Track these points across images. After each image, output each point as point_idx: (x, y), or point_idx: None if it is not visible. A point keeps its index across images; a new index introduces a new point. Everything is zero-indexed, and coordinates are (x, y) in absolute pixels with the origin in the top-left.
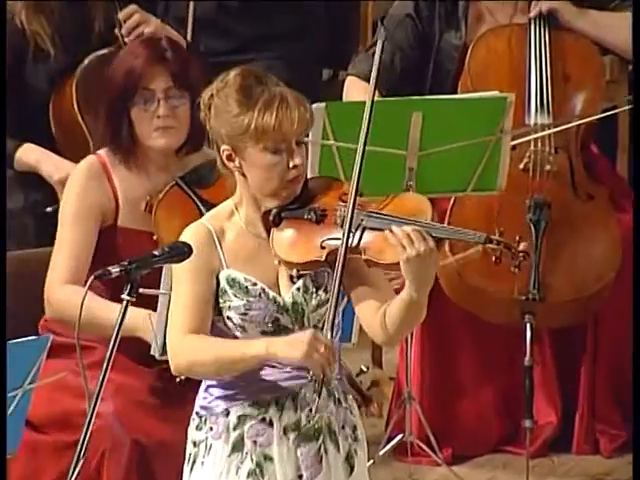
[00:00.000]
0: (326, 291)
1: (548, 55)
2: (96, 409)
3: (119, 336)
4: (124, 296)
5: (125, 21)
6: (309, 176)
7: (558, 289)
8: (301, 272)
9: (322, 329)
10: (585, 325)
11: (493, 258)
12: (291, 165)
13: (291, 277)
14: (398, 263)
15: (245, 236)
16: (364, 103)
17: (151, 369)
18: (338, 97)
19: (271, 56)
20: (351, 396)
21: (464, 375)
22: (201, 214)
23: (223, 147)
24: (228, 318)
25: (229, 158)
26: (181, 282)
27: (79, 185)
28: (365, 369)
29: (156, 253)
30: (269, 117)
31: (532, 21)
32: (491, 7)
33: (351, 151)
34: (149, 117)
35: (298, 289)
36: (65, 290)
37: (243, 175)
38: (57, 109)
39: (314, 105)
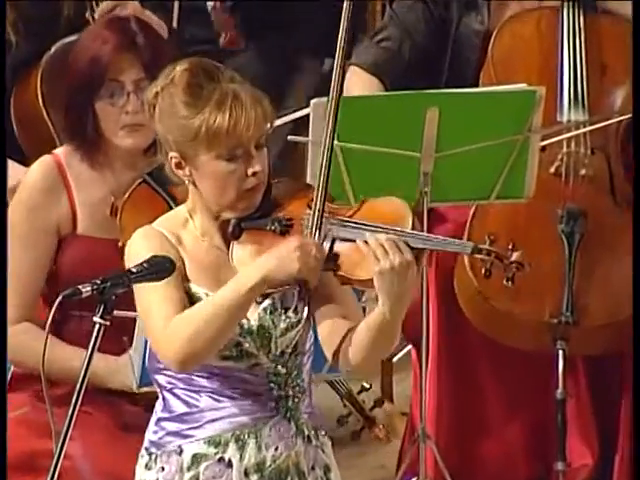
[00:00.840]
0: (296, 312)
1: (583, 42)
2: (64, 450)
3: (89, 369)
4: (97, 319)
5: (97, 3)
6: (309, 179)
7: (594, 311)
8: (266, 291)
9: (292, 355)
10: (623, 352)
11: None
12: (249, 172)
13: (256, 299)
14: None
15: (202, 247)
16: (375, 98)
17: (122, 399)
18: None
19: (263, 45)
20: (323, 432)
21: (487, 409)
22: None
23: (171, 154)
24: None
25: (178, 166)
26: (147, 287)
27: (29, 199)
28: (367, 386)
29: (133, 270)
30: (221, 119)
31: (564, 3)
32: None
33: (359, 153)
34: (116, 112)
35: (265, 310)
36: (13, 332)
37: (194, 184)
38: (19, 103)
39: (314, 100)
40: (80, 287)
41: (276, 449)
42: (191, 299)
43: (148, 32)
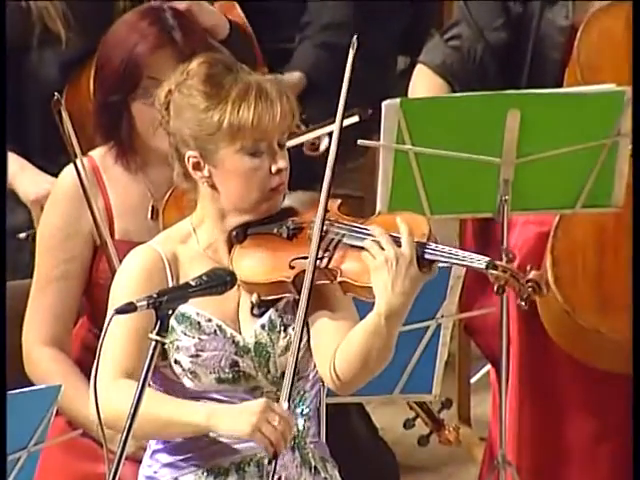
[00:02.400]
0: None
1: None
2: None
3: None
4: (152, 336)
5: None
6: (380, 187)
7: None
8: (263, 297)
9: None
10: None
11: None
12: (274, 169)
13: (252, 308)
14: None
15: (201, 262)
16: (451, 99)
17: None
18: None
19: (330, 38)
20: (331, 464)
21: (572, 435)
22: None
23: (189, 153)
24: (176, 362)
25: (196, 167)
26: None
27: (61, 205)
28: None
29: (192, 283)
30: (246, 110)
31: None
32: None
33: (432, 157)
34: (154, 113)
35: (263, 326)
36: (43, 353)
37: (213, 187)
38: (71, 105)
39: (387, 102)
40: (134, 301)
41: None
42: (181, 318)
43: (185, 26)
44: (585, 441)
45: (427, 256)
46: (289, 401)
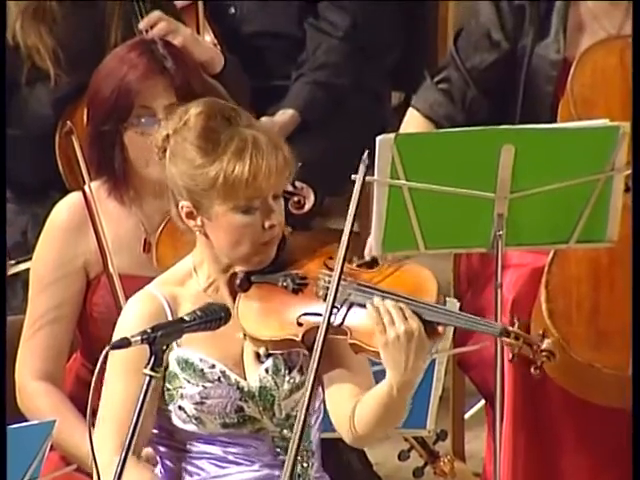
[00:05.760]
0: (301, 372)
1: None
2: None
3: (138, 423)
4: (147, 371)
5: (147, 31)
6: (374, 223)
7: None
8: (270, 352)
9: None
10: None
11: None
12: (267, 225)
13: (258, 355)
14: None
15: (202, 302)
16: (443, 135)
17: None
18: None
19: (324, 77)
20: None
21: (568, 472)
22: None
23: (182, 203)
24: (180, 408)
25: (189, 216)
26: (115, 377)
27: (54, 239)
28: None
29: (186, 318)
30: (240, 169)
31: None
32: (596, 11)
33: (426, 193)
34: (147, 142)
35: (267, 370)
36: (36, 388)
37: (206, 235)
38: (65, 141)
39: (381, 137)
40: (129, 337)
41: None
42: (184, 364)
43: (176, 55)
44: (581, 476)
45: (434, 319)
46: (317, 370)
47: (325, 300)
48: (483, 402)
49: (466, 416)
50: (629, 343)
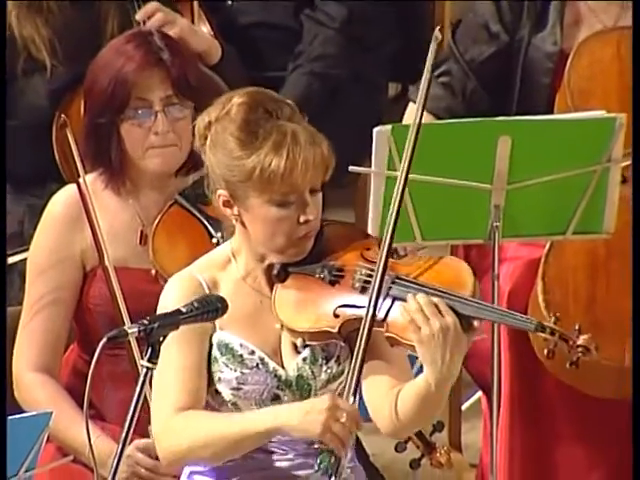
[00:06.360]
0: (338, 362)
1: None
2: None
3: (134, 418)
4: (144, 362)
5: (144, 22)
6: (371, 214)
7: None
8: (307, 342)
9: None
10: None
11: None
12: (302, 220)
13: (295, 345)
14: None
15: (243, 290)
16: (442, 126)
17: None
18: None
19: (321, 69)
20: None
21: (563, 462)
22: (210, 235)
23: (219, 192)
24: (217, 392)
25: (226, 204)
26: (167, 346)
27: (51, 230)
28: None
29: (183, 309)
30: (277, 163)
31: None
32: (593, 5)
33: (423, 184)
34: (144, 133)
35: (304, 359)
36: (33, 379)
37: (242, 224)
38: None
39: (378, 128)
40: (126, 328)
41: None
42: (224, 349)
43: (173, 47)
44: (577, 468)
45: (470, 313)
46: (355, 395)
47: (362, 292)
48: (480, 393)
49: (463, 407)
50: (626, 335)
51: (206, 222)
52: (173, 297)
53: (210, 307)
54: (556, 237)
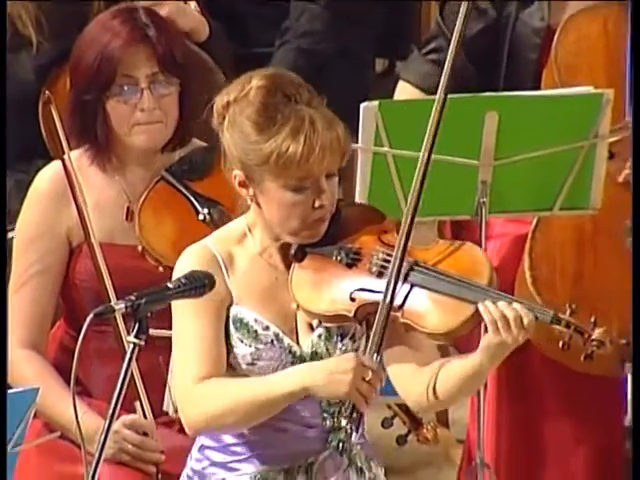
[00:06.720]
0: (353, 340)
1: None
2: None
3: (121, 396)
4: (131, 338)
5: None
6: (358, 190)
7: None
8: (323, 324)
9: None
10: None
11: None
12: (317, 205)
13: (311, 325)
14: (442, 333)
15: (259, 266)
16: (427, 102)
17: (156, 421)
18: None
19: (307, 44)
20: (375, 462)
21: (550, 437)
22: (197, 212)
23: (235, 172)
24: (231, 366)
25: (242, 184)
26: (184, 317)
27: (36, 206)
28: None
29: (170, 285)
30: (294, 148)
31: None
32: None
33: (410, 160)
34: (129, 110)
35: (319, 336)
36: (19, 355)
37: (258, 204)
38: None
39: (365, 104)
40: (113, 304)
41: None
42: (238, 324)
43: (159, 23)
44: (563, 442)
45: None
46: (378, 353)
47: (379, 276)
48: None
49: None
50: (613, 310)
51: (192, 198)
52: (186, 267)
53: (197, 283)
54: (543, 213)
